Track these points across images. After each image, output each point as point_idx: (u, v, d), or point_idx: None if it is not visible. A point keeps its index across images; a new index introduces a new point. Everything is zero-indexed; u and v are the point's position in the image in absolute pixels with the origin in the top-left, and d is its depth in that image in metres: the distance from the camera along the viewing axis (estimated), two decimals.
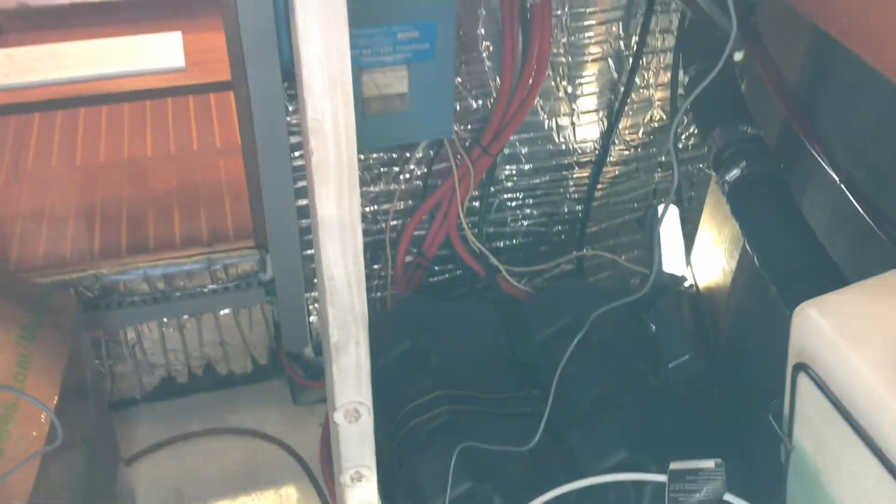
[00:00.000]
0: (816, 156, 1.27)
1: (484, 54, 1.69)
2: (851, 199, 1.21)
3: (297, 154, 1.68)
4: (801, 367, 0.68)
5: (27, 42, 2.71)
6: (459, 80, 1.70)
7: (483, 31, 1.66)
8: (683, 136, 1.95)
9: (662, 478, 1.18)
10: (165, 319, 1.91)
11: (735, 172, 1.30)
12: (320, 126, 0.87)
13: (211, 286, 1.90)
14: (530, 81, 1.69)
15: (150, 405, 2.03)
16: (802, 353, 0.68)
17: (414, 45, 1.51)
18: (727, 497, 1.13)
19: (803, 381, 0.68)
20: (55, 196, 2.21)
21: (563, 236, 2.05)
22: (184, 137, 2.45)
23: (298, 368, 2.04)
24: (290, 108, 1.62)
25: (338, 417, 1.15)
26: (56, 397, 1.33)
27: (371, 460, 1.23)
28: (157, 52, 2.58)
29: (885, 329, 0.64)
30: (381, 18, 1.46)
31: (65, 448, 1.31)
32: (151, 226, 2.09)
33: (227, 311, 1.95)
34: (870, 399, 0.62)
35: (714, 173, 1.39)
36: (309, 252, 1.83)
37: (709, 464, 1.24)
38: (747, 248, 1.29)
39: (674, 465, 1.18)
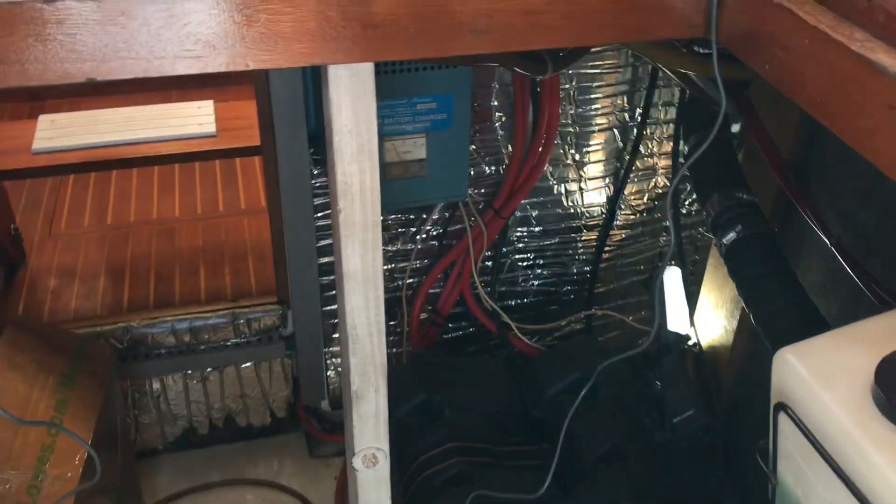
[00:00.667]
0: (809, 221, 1.34)
1: (497, 124, 1.80)
2: (842, 261, 1.28)
3: (319, 215, 1.77)
4: (780, 407, 0.75)
5: (65, 106, 2.86)
6: (474, 147, 1.80)
7: (496, 102, 1.77)
8: (687, 202, 2.03)
9: None
10: (190, 371, 1.99)
11: (731, 235, 1.38)
12: (348, 189, 0.96)
13: (234, 340, 1.99)
14: (540, 149, 1.79)
15: (171, 455, 2.10)
16: (782, 393, 0.76)
17: (432, 115, 1.61)
18: None
19: (783, 420, 0.76)
20: (87, 253, 2.32)
21: (572, 296, 2.12)
22: (210, 199, 2.57)
23: (315, 422, 2.10)
24: (315, 172, 1.72)
25: (356, 463, 1.20)
26: (90, 440, 1.40)
27: None
28: (191, 118, 2.72)
29: (854, 371, 0.71)
30: (402, 91, 1.57)
31: (95, 493, 1.38)
32: (178, 282, 2.18)
33: (248, 364, 2.03)
34: (840, 434, 0.69)
35: (713, 236, 1.47)
36: (327, 308, 1.91)
37: None
38: (744, 306, 1.35)
39: None
